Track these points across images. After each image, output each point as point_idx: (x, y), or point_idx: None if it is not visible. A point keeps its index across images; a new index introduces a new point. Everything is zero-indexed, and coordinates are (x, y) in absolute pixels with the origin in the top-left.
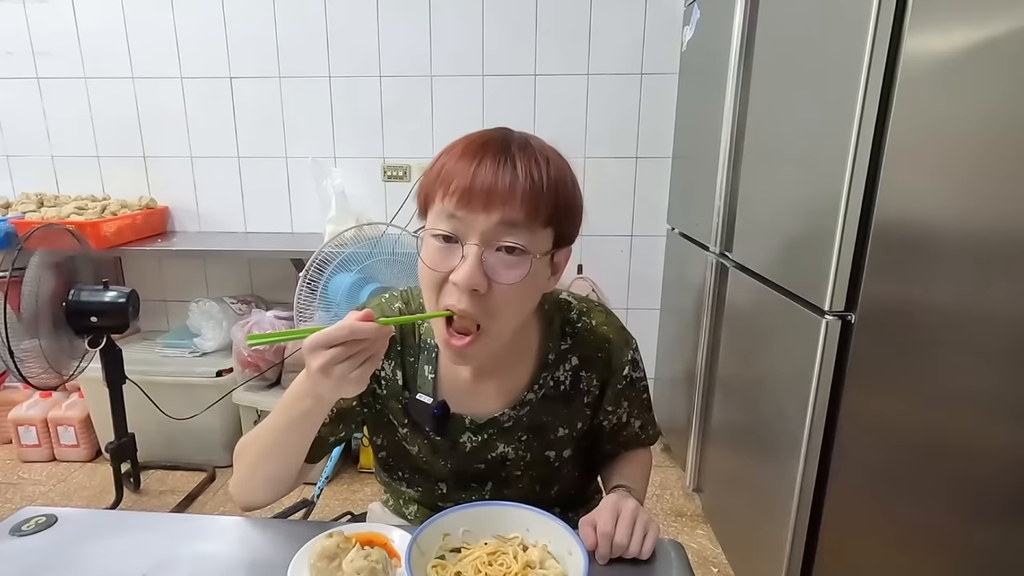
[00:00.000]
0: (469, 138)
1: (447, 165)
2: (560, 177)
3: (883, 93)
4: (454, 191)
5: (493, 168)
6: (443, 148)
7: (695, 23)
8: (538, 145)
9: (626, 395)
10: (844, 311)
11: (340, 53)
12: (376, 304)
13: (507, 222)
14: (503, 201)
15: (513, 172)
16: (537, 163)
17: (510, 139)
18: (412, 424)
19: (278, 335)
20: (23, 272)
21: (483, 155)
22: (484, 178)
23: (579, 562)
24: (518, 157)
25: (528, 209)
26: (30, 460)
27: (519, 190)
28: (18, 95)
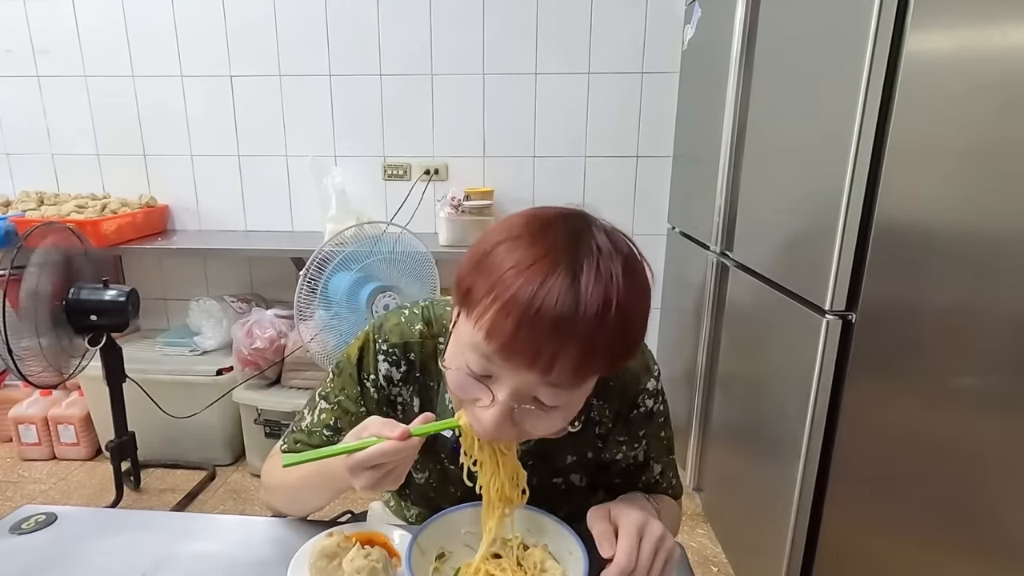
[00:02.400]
0: (534, 245)
1: (499, 285)
2: (627, 322)
3: (884, 92)
4: (499, 333)
5: (551, 318)
6: (495, 231)
7: (696, 22)
8: (612, 272)
9: (643, 429)
10: (845, 311)
11: (340, 51)
12: (395, 324)
13: (551, 384)
14: (555, 364)
15: (574, 327)
16: (606, 308)
17: (581, 265)
18: (426, 451)
19: (316, 454)
20: (23, 270)
21: (544, 294)
22: (538, 330)
23: (579, 562)
24: (585, 301)
25: (580, 374)
26: (30, 458)
27: (574, 352)
28: (18, 93)
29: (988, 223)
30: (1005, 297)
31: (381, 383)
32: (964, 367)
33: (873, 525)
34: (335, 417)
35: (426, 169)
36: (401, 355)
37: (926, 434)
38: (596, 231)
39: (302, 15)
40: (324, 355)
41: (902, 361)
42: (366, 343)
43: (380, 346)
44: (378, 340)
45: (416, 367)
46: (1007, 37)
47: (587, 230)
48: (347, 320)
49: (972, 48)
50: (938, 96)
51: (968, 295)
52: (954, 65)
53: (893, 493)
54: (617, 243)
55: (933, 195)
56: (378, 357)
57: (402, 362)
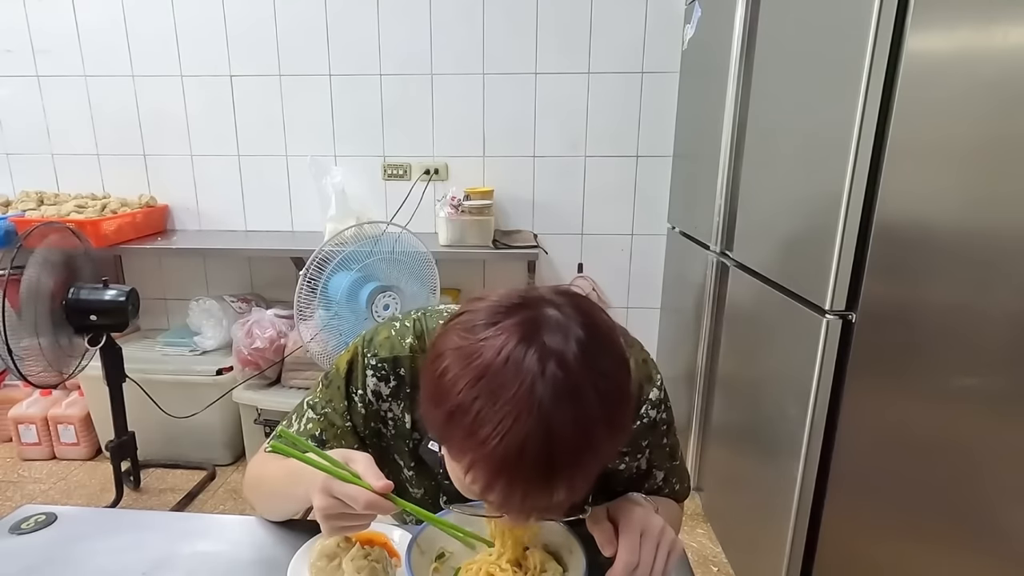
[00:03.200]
0: (502, 404)
1: (479, 461)
2: (612, 439)
3: (885, 92)
4: (492, 501)
5: (539, 485)
6: (461, 371)
7: (696, 21)
8: (584, 401)
9: (646, 438)
10: (845, 310)
11: (340, 51)
12: (385, 338)
13: (550, 513)
14: (549, 506)
15: (559, 483)
16: (589, 447)
17: (554, 412)
18: (420, 467)
19: (303, 456)
20: (23, 270)
21: (525, 466)
22: (528, 497)
23: (579, 562)
24: (565, 450)
25: (576, 496)
26: (30, 458)
27: (567, 496)
28: (18, 93)
29: (988, 223)
30: (1005, 297)
31: (369, 398)
32: (964, 367)
33: (873, 525)
34: (321, 428)
35: (426, 169)
36: (390, 370)
37: (926, 434)
38: (551, 341)
39: (302, 15)
40: (324, 355)
41: (902, 361)
42: (355, 357)
43: (369, 360)
44: (367, 354)
45: (406, 382)
46: (1007, 37)
47: (545, 353)
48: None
49: (972, 48)
50: (938, 96)
51: (968, 295)
52: (954, 65)
53: (893, 493)
54: (576, 343)
55: (933, 195)
56: (366, 372)
57: (391, 377)
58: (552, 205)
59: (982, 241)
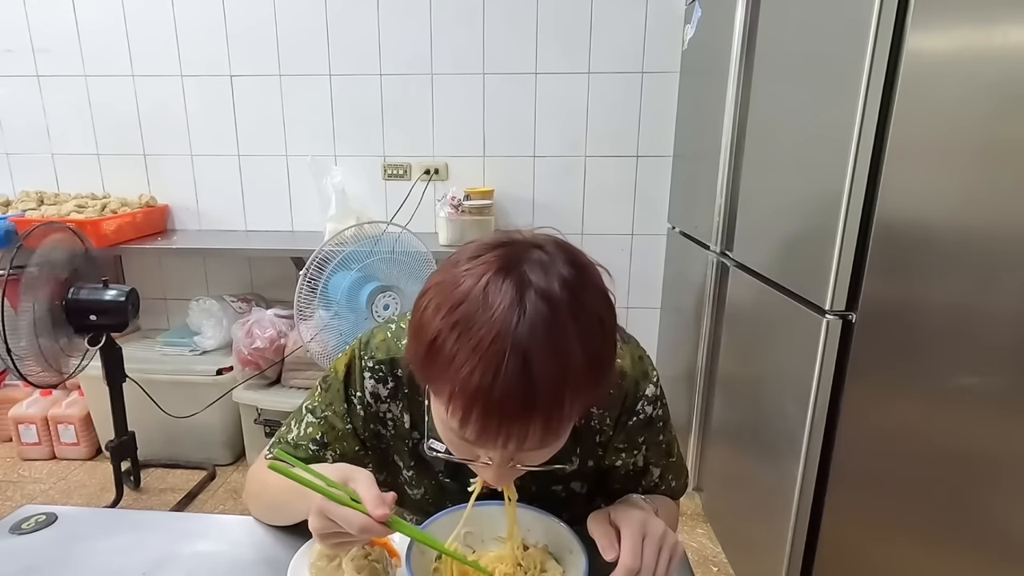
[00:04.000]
0: (481, 331)
1: (453, 381)
2: (592, 374)
3: (885, 92)
4: (472, 428)
5: (517, 407)
6: (431, 312)
7: (696, 21)
8: (562, 329)
9: (643, 435)
10: (845, 310)
11: (340, 51)
12: (382, 339)
13: (529, 449)
14: (528, 435)
15: (534, 406)
16: (566, 379)
17: (530, 345)
18: (420, 467)
19: (301, 478)
20: (23, 270)
21: (501, 388)
22: (506, 419)
23: (579, 562)
24: (541, 377)
25: (556, 434)
26: (30, 458)
27: (541, 422)
28: (18, 92)
29: (988, 223)
30: (1005, 297)
31: (368, 400)
32: (964, 367)
33: (873, 524)
34: (321, 432)
35: (426, 169)
36: (388, 372)
37: (926, 434)
38: (532, 274)
39: (302, 14)
40: (324, 355)
41: (902, 361)
42: (352, 359)
43: (366, 363)
44: (364, 357)
45: (404, 383)
46: (1007, 37)
47: (524, 282)
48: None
49: (972, 48)
50: (938, 96)
51: (968, 295)
52: (954, 65)
53: (893, 493)
54: (557, 279)
55: (933, 195)
56: (364, 374)
57: (389, 379)
58: (552, 205)
59: (982, 241)
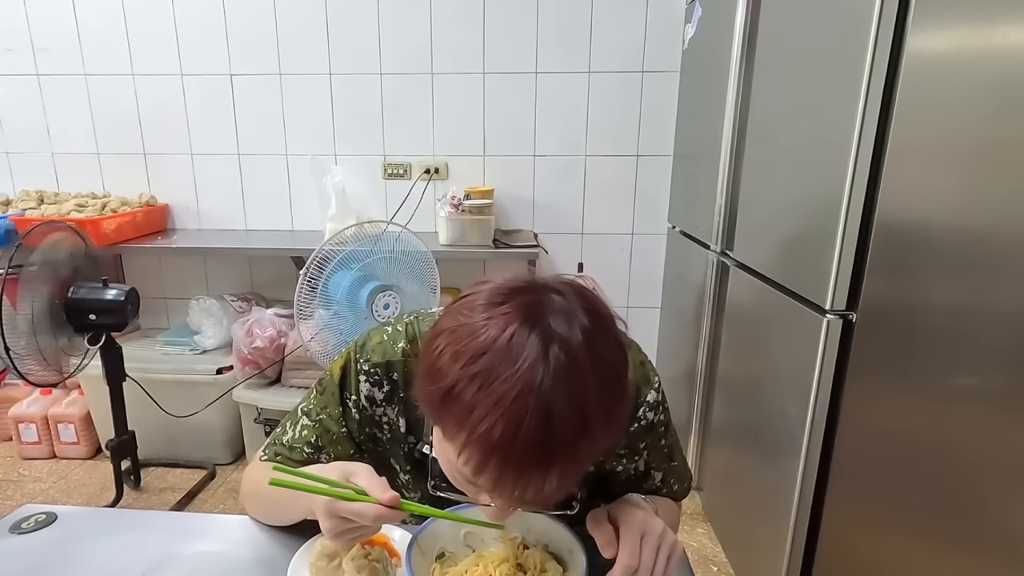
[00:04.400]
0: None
1: (475, 437)
2: (607, 425)
3: (885, 91)
4: (485, 480)
5: (535, 466)
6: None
7: (697, 21)
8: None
9: (643, 440)
10: (845, 310)
11: (340, 50)
12: (377, 343)
13: (541, 501)
14: (541, 490)
15: (555, 466)
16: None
17: (551, 392)
18: (415, 471)
19: (303, 485)
20: (23, 269)
21: (521, 444)
22: (522, 476)
23: (579, 562)
24: (561, 431)
25: (569, 487)
26: (30, 457)
27: (560, 482)
28: (18, 92)
29: (988, 223)
30: (1005, 297)
31: (363, 403)
32: (964, 367)
33: (873, 524)
34: (316, 435)
35: (426, 168)
36: (383, 375)
37: (926, 433)
38: (556, 325)
39: (302, 14)
40: (324, 354)
41: (902, 361)
42: (348, 362)
43: (361, 366)
44: (359, 360)
45: (400, 387)
46: (1007, 37)
47: (548, 336)
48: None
49: (972, 48)
50: (939, 96)
51: (968, 295)
52: (954, 65)
53: (893, 492)
54: (579, 331)
55: (934, 195)
56: (359, 377)
57: (384, 382)
58: (552, 204)
59: (982, 241)
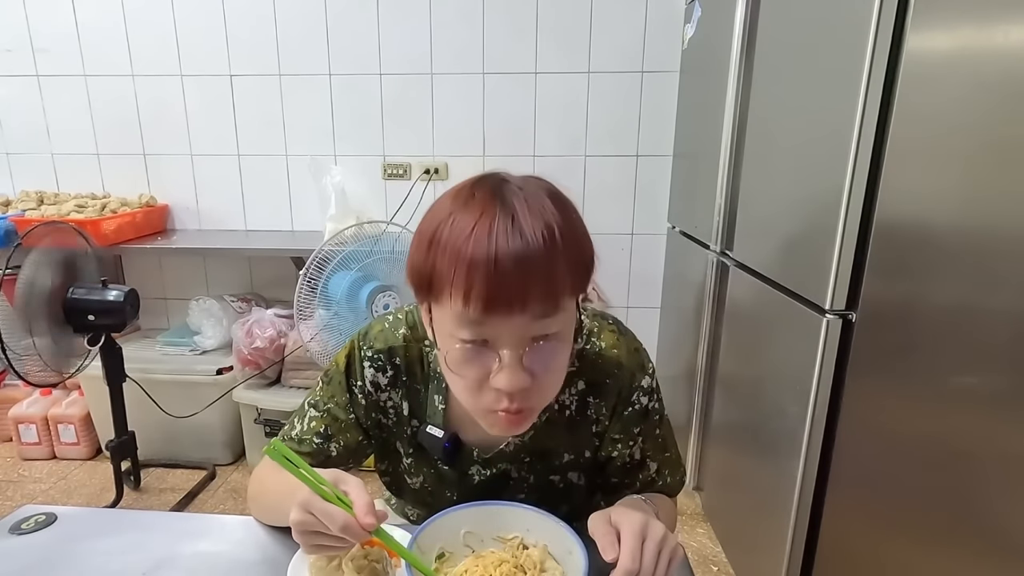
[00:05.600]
0: (467, 209)
1: (457, 256)
2: (572, 236)
3: (885, 91)
4: (477, 295)
5: (510, 258)
6: (432, 214)
7: (696, 21)
8: (539, 205)
9: (638, 425)
10: (845, 310)
11: (340, 50)
12: (379, 331)
13: (539, 316)
14: (530, 295)
15: (530, 258)
16: (550, 232)
17: (513, 207)
18: (418, 454)
19: (294, 469)
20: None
21: (495, 241)
22: (505, 274)
23: (579, 562)
24: (530, 233)
25: (555, 293)
26: (30, 458)
27: (542, 276)
28: (18, 92)
29: (988, 222)
30: (1005, 297)
31: (368, 389)
32: (964, 366)
33: (873, 524)
34: (325, 424)
35: (426, 168)
36: (386, 360)
37: (926, 433)
38: (511, 180)
39: (302, 14)
40: (324, 354)
41: (902, 360)
42: (352, 351)
43: (365, 353)
44: (363, 347)
45: (402, 371)
46: (1007, 37)
47: (504, 182)
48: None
49: (972, 48)
50: (938, 96)
51: (968, 294)
52: (954, 65)
53: (893, 492)
54: (534, 183)
55: (933, 194)
56: (364, 364)
57: (388, 367)
58: None
59: (982, 241)
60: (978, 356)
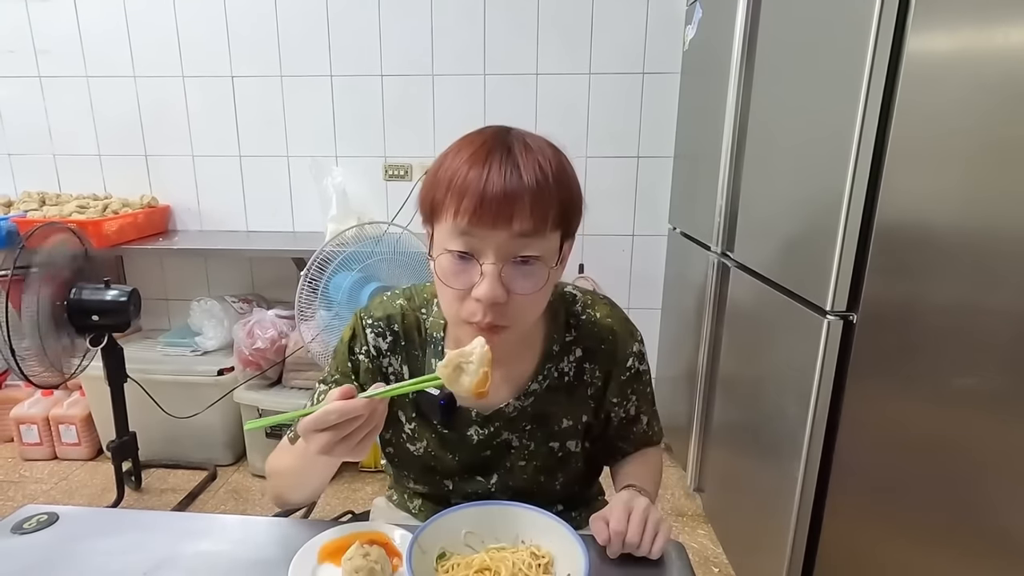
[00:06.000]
0: (471, 143)
1: (454, 177)
2: (562, 176)
3: (886, 92)
4: (466, 209)
5: (501, 180)
6: (443, 152)
7: (697, 22)
8: (537, 145)
9: (632, 387)
10: (846, 311)
11: (341, 52)
12: (378, 303)
13: (520, 234)
14: (515, 214)
15: (520, 181)
16: (542, 167)
17: (512, 143)
18: (420, 418)
19: (274, 420)
20: (25, 271)
21: (490, 166)
22: (494, 192)
23: (579, 562)
24: (523, 164)
25: (538, 218)
26: (32, 458)
27: (528, 200)
28: (20, 93)
29: (989, 223)
30: (1005, 297)
31: (372, 352)
32: (965, 367)
33: (874, 525)
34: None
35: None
36: (385, 327)
37: (927, 434)
38: (515, 129)
39: (303, 15)
40: (325, 355)
41: (903, 361)
42: (355, 323)
43: (366, 321)
44: (364, 317)
45: (401, 336)
46: (1007, 37)
47: (510, 129)
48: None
49: (973, 48)
50: (939, 97)
51: (969, 295)
52: (955, 66)
53: (894, 493)
54: (537, 135)
55: (934, 195)
56: (366, 331)
57: (387, 333)
58: None
59: (982, 241)
60: (979, 357)
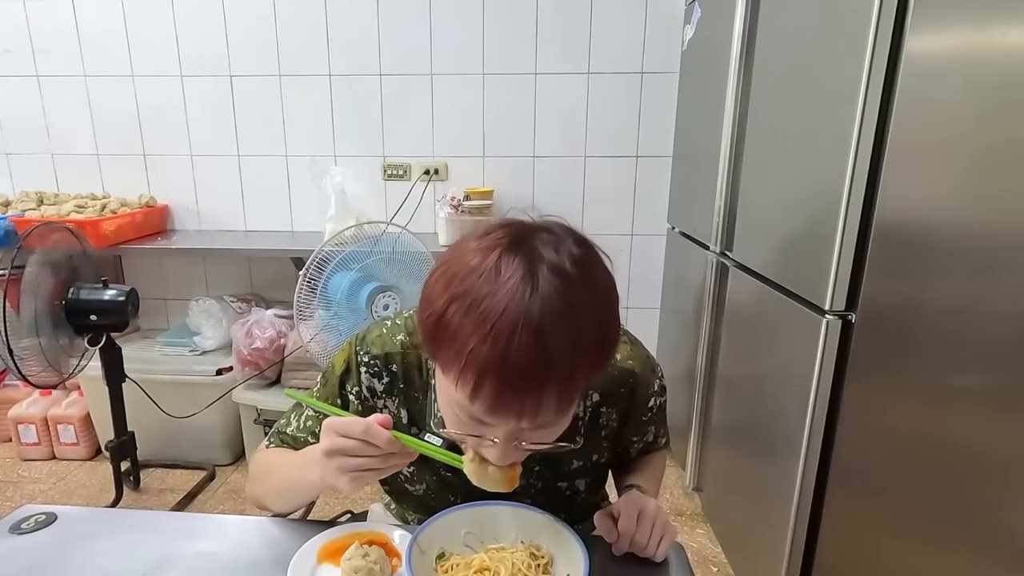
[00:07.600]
0: (494, 299)
1: (465, 345)
2: (599, 339)
3: (884, 92)
4: (479, 396)
5: (524, 370)
6: (455, 276)
7: (696, 22)
8: (569, 301)
9: (654, 422)
10: (845, 311)
11: (340, 51)
12: (377, 335)
13: (541, 426)
14: (540, 411)
15: (547, 373)
16: (577, 344)
17: (542, 306)
18: (420, 462)
19: (313, 401)
20: (23, 270)
21: (511, 345)
22: (515, 386)
23: (579, 562)
24: (552, 343)
25: (565, 409)
26: (30, 458)
27: (556, 395)
28: (18, 93)
29: (988, 223)
30: (1005, 297)
31: (364, 395)
32: (964, 367)
33: (873, 524)
34: (320, 425)
35: (426, 169)
36: (383, 366)
37: (926, 434)
38: (544, 250)
39: (302, 15)
40: (324, 355)
41: (902, 361)
42: (350, 355)
43: (362, 358)
44: (360, 352)
45: (399, 378)
46: (1007, 38)
47: (535, 258)
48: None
49: (972, 48)
50: (938, 96)
51: (968, 295)
52: (954, 65)
53: (893, 493)
54: (567, 256)
55: (933, 195)
56: (360, 369)
57: (384, 373)
58: (552, 205)
59: (982, 241)
60: (978, 356)
